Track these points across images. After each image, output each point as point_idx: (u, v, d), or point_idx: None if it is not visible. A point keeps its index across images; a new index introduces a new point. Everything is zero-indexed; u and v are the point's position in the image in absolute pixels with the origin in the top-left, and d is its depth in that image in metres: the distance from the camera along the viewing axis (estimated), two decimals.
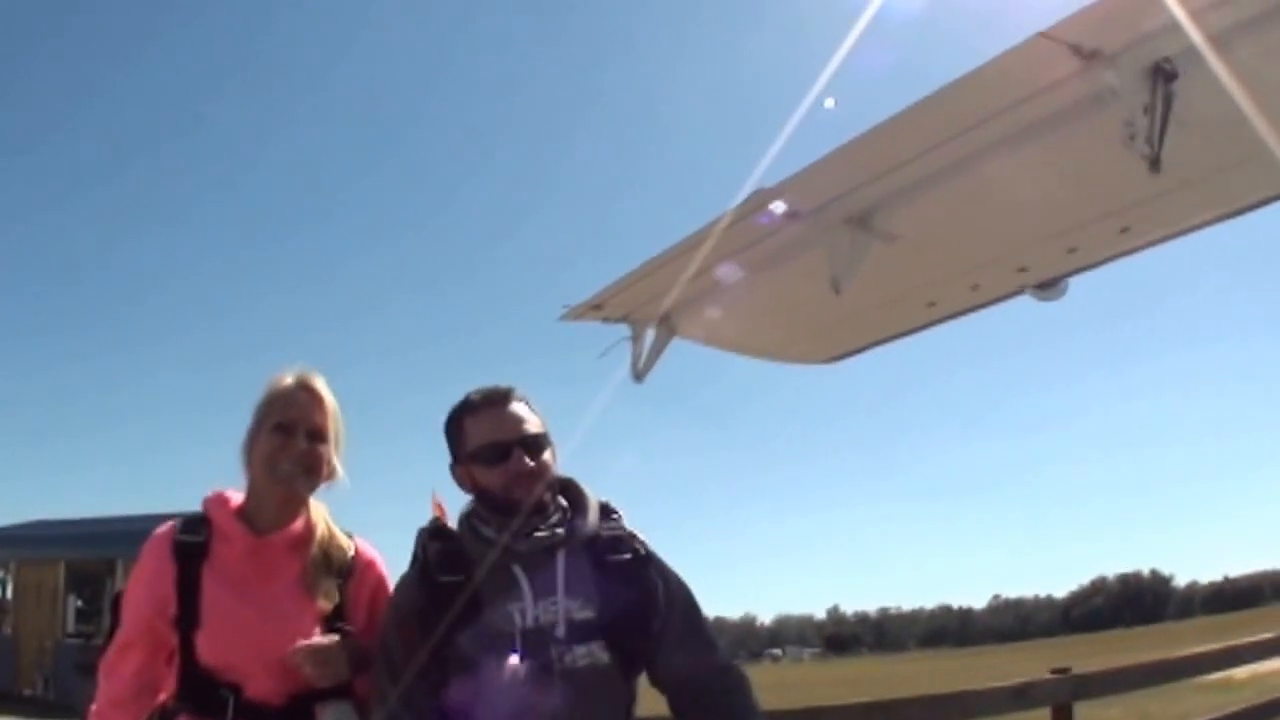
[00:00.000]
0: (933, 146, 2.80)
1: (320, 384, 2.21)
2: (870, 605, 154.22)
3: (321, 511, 2.23)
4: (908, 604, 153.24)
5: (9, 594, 18.68)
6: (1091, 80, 2.57)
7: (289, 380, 2.20)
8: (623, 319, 3.73)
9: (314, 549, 2.16)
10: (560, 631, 1.92)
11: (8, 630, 18.13)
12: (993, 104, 2.64)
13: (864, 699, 3.60)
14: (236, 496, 2.20)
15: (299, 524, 2.17)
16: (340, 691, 2.09)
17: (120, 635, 2.13)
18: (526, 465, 1.99)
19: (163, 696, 2.08)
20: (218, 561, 2.10)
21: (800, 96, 2.89)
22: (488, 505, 2.02)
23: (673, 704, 2.12)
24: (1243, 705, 6.58)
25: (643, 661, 2.03)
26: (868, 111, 2.76)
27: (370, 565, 2.24)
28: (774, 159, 2.96)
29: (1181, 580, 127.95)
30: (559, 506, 2.05)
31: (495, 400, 2.05)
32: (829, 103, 2.92)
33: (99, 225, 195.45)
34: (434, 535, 2.06)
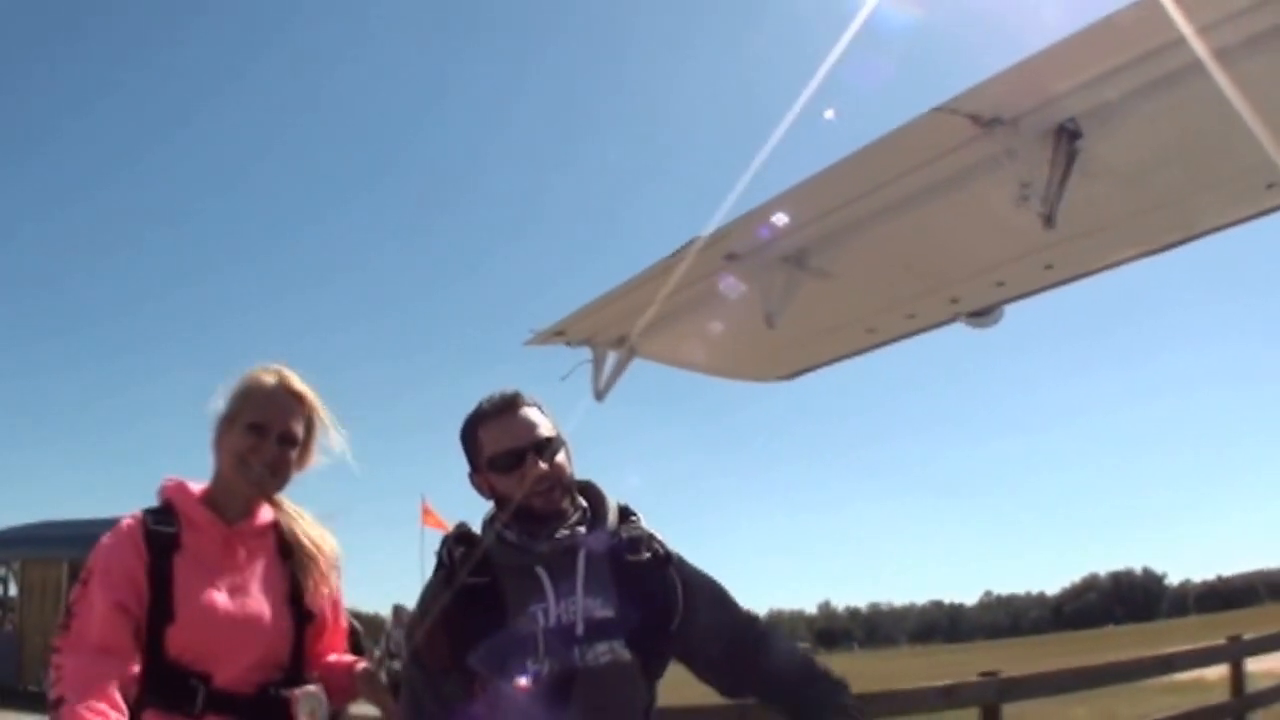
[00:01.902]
0: (849, 201, 3.10)
1: (298, 383, 2.23)
2: (861, 600, 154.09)
3: (285, 501, 2.27)
4: (899, 599, 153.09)
5: (13, 592, 18.91)
6: (991, 144, 2.77)
7: (269, 379, 2.21)
8: (584, 343, 3.99)
9: (283, 538, 2.22)
10: (580, 630, 1.97)
11: (11, 628, 18.38)
12: (896, 167, 2.92)
13: None
14: (195, 484, 2.20)
15: (266, 513, 2.22)
16: (304, 679, 2.15)
17: (94, 655, 1.96)
18: (541, 470, 2.02)
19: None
20: (189, 552, 2.09)
21: (794, 117, 3.01)
22: (508, 511, 2.05)
23: (727, 684, 2.17)
24: (1196, 706, 6.80)
25: (663, 662, 2.08)
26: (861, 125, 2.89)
27: (331, 553, 2.29)
28: (758, 175, 3.14)
29: (1175, 578, 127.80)
30: (579, 507, 2.08)
31: (505, 407, 2.08)
32: (828, 114, 3.18)
33: (104, 227, 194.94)
34: (459, 540, 2.07)
